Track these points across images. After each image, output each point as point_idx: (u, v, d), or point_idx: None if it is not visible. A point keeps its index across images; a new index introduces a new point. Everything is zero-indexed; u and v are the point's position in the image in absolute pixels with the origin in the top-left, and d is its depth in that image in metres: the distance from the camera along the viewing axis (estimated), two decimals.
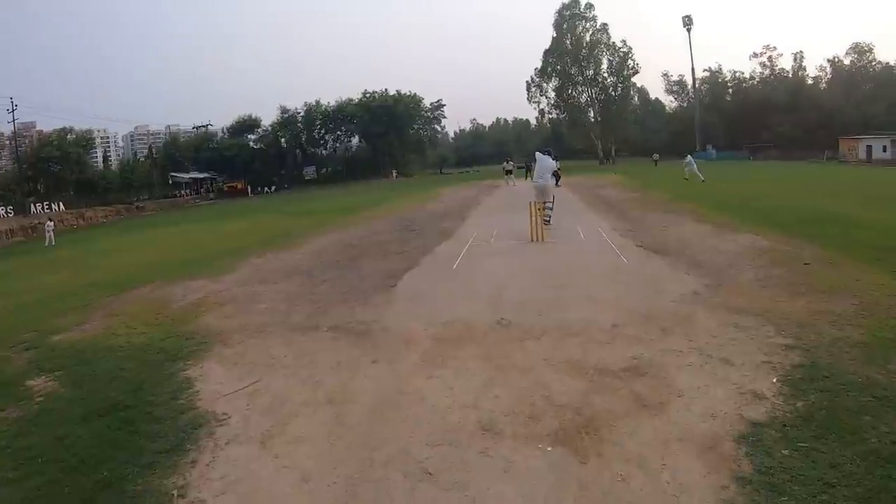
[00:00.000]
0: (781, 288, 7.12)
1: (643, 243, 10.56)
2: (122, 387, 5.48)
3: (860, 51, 75.06)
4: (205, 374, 5.63)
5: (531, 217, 11.66)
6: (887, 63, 73.76)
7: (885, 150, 56.36)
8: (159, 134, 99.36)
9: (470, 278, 8.59)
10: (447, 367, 5.22)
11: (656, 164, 56.52)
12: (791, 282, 7.38)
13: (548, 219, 13.02)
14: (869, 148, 58.27)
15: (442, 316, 6.76)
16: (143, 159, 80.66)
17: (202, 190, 72.75)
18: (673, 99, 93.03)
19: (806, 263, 8.34)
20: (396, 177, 75.35)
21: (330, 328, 6.69)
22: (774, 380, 4.58)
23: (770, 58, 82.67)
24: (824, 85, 79.07)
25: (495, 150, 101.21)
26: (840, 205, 16.50)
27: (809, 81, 79.70)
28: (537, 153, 14.07)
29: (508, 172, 36.45)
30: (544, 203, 13.10)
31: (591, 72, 74.50)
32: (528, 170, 38.30)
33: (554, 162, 14.20)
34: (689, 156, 32.98)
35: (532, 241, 11.38)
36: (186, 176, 72.31)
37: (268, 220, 23.36)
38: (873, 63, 74.55)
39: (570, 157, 63.41)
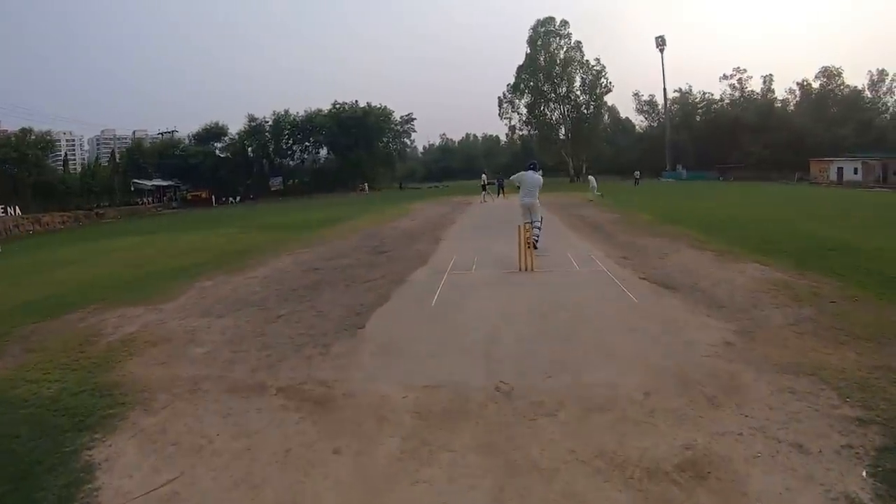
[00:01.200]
0: (819, 335, 6.06)
1: (647, 275, 9.35)
2: (8, 471, 4.03)
3: (829, 74, 76.63)
4: (112, 459, 4.17)
5: (520, 243, 10.34)
6: (855, 87, 75.47)
7: (856, 171, 57.28)
8: (126, 138, 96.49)
9: (453, 320, 7.18)
10: (437, 463, 3.81)
11: (637, 184, 54.93)
12: (826, 326, 6.37)
13: (536, 239, 11.91)
14: (840, 170, 59.15)
15: (423, 376, 5.35)
16: (105, 164, 77.96)
17: (165, 198, 70.55)
18: (643, 118, 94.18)
19: (832, 302, 7.40)
20: (368, 190, 74.15)
21: (280, 390, 5.21)
22: (864, 473, 3.47)
23: (740, 80, 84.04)
24: (792, 108, 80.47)
25: (464, 165, 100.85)
26: (832, 229, 15.95)
27: (778, 104, 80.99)
28: (524, 174, 12.77)
29: (483, 188, 35.34)
30: (532, 223, 12.05)
31: (564, 89, 74.69)
32: (500, 187, 37.37)
33: (541, 178, 13.04)
34: (591, 177, 36.29)
35: (521, 270, 10.06)
36: (149, 183, 70.23)
37: (227, 235, 21.72)
38: (842, 87, 76.09)
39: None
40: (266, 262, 13.21)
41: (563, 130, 77.72)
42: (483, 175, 38.45)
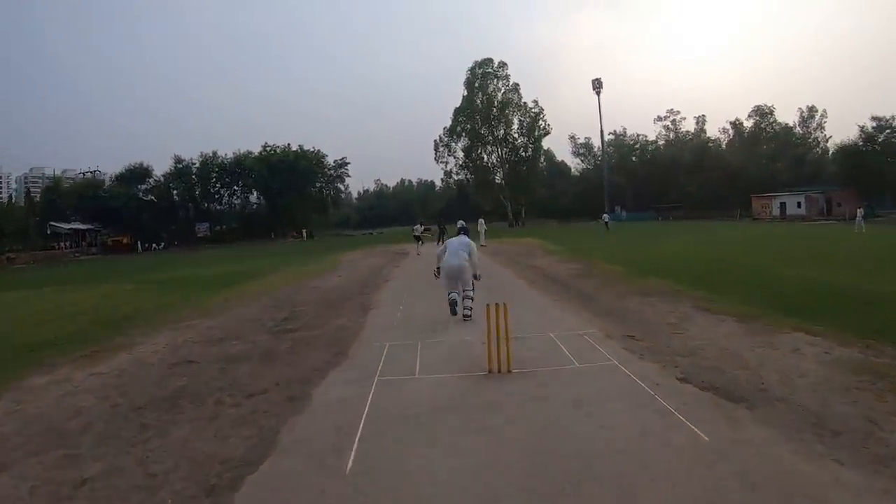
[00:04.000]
0: None
1: (684, 371, 6.13)
2: None
3: (762, 113, 78.50)
4: None
5: (488, 328, 6.63)
6: (786, 124, 77.52)
7: (799, 206, 57.78)
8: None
9: None
10: None
11: (608, 228, 47.67)
12: None
13: (469, 312, 9.62)
14: (783, 205, 59.63)
15: None
16: (19, 204, 71.30)
17: (84, 243, 64.97)
18: (580, 161, 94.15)
19: None
20: (305, 237, 69.98)
21: None
22: None
23: (674, 121, 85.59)
24: (723, 146, 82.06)
25: (400, 211, 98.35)
26: (828, 272, 13.98)
27: (712, 143, 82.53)
28: (449, 241, 10.54)
29: (418, 239, 30.66)
30: (463, 292, 9.78)
31: (502, 132, 73.28)
32: (441, 232, 33.78)
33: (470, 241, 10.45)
34: (480, 220, 34.33)
35: (491, 372, 6.47)
36: (67, 226, 64.76)
37: (121, 293, 17.71)
38: (773, 124, 78.04)
39: (476, 218, 54.45)
40: (136, 341, 9.54)
41: (501, 174, 75.92)
42: (419, 224, 33.40)
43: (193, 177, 77.03)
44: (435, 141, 76.26)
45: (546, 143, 79.01)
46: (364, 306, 11.97)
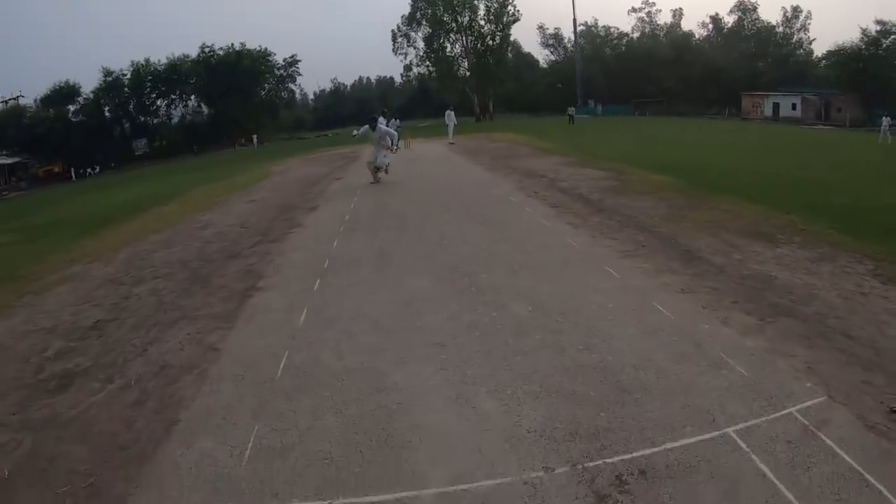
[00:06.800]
0: None
1: None
2: None
3: (744, 9, 73.13)
4: None
5: None
6: (769, 22, 73.00)
7: (794, 107, 53.73)
8: None
9: None
10: None
11: (571, 122, 46.10)
12: None
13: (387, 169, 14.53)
14: (776, 105, 55.24)
15: None
16: None
17: (13, 178, 57.16)
18: (549, 53, 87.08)
19: None
20: (256, 144, 63.30)
21: None
22: None
23: (649, 13, 79.53)
24: (699, 40, 77.26)
25: (357, 109, 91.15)
26: None
27: (692, 39, 77.05)
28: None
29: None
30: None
31: (467, 18, 65.61)
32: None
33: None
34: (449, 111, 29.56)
35: None
36: None
37: None
38: (756, 21, 73.29)
39: (440, 114, 39.64)
40: None
41: (466, 65, 69.05)
42: (379, 115, 18.52)
43: (125, 89, 68.01)
44: (392, 31, 68.30)
45: (513, 33, 71.88)
46: (248, 282, 6.53)
